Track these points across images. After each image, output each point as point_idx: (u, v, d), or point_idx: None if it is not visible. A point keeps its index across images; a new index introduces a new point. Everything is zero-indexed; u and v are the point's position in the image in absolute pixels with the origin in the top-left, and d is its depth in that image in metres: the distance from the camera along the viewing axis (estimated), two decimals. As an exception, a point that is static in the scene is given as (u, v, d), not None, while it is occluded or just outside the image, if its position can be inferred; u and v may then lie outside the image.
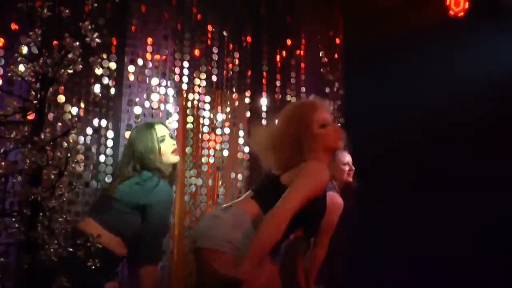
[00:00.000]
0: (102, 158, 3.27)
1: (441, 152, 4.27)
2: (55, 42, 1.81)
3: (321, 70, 4.46)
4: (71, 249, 1.76)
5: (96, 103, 3.25)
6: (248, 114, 3.96)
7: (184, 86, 3.68)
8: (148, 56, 3.49)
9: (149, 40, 3.50)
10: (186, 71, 3.66)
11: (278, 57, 4.20)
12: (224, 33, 3.90)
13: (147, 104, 3.44)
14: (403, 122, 4.26)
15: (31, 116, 1.77)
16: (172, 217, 3.53)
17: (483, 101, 4.04)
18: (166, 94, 3.55)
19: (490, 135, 4.07)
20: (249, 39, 4.06)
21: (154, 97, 3.48)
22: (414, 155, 4.33)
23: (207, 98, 3.78)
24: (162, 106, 3.53)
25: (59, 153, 1.77)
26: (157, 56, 3.53)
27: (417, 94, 4.31)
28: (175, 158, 2.69)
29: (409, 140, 4.30)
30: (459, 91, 4.10)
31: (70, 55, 1.77)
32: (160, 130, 2.70)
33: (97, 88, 3.25)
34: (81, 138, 3.16)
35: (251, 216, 2.08)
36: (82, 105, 3.21)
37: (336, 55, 4.55)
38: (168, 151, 2.66)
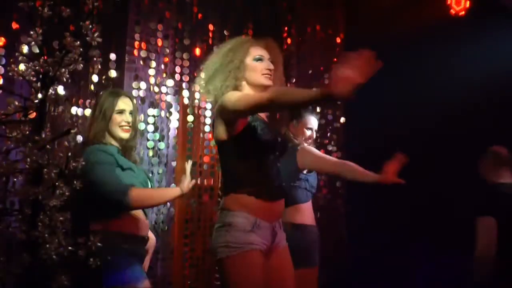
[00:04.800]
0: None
1: (441, 150, 4.27)
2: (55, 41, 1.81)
3: (322, 69, 4.46)
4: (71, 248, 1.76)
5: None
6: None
7: (185, 85, 3.68)
8: (149, 55, 3.48)
9: (150, 39, 3.50)
10: (186, 70, 3.66)
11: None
12: (225, 32, 3.90)
13: (147, 103, 3.45)
14: (404, 120, 4.26)
15: (32, 115, 1.78)
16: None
17: (484, 100, 4.04)
18: (166, 93, 3.56)
19: (490, 134, 4.07)
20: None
21: (155, 96, 3.49)
22: (414, 153, 4.32)
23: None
24: (163, 105, 3.53)
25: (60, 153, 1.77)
26: (158, 55, 3.53)
27: (417, 93, 4.31)
28: (123, 134, 2.51)
29: (409, 138, 4.30)
30: (460, 90, 4.10)
31: (70, 54, 1.77)
32: (123, 102, 2.53)
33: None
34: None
35: None
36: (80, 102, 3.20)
37: (336, 54, 4.55)
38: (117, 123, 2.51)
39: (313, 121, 3.16)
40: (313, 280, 2.83)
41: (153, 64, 3.50)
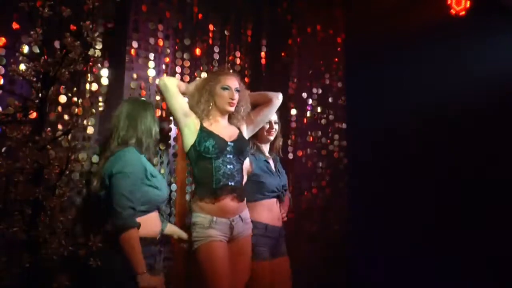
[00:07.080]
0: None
1: (441, 150, 4.28)
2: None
3: (322, 69, 4.46)
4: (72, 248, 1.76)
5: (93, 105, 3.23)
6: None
7: (185, 86, 3.68)
8: (149, 55, 3.48)
9: (150, 39, 3.50)
10: (187, 70, 3.66)
11: (279, 57, 4.20)
12: (225, 32, 3.90)
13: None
14: (404, 121, 4.27)
15: (32, 115, 1.78)
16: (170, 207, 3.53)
17: (483, 100, 4.04)
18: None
19: (490, 134, 4.07)
20: (250, 38, 4.06)
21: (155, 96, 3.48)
22: (414, 152, 4.33)
23: (208, 97, 3.77)
24: (163, 105, 3.53)
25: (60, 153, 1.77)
26: (158, 55, 3.53)
27: (418, 93, 4.31)
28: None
29: (410, 138, 4.31)
30: (460, 90, 4.10)
31: (70, 54, 1.78)
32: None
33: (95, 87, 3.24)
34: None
35: None
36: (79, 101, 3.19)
37: (337, 54, 4.55)
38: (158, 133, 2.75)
39: None
40: (263, 274, 2.85)
41: (153, 64, 3.49)
